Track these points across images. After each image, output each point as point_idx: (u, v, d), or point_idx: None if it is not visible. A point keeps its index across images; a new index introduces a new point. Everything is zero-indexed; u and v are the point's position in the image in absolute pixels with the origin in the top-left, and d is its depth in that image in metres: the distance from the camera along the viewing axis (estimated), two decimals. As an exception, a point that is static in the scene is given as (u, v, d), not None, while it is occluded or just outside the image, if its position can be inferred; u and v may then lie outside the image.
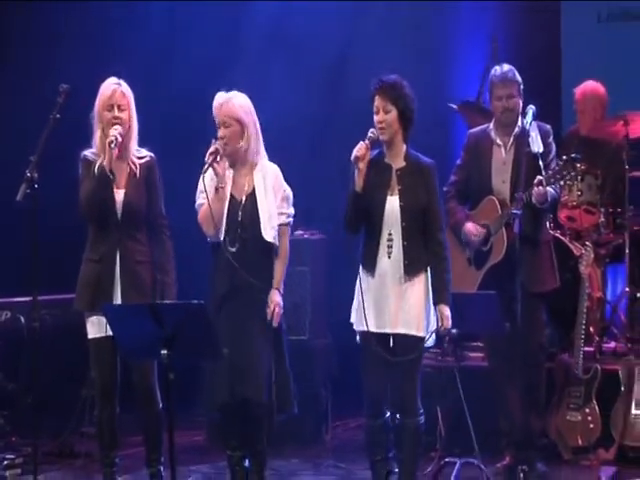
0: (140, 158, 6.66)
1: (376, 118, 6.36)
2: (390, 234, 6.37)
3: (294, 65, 9.16)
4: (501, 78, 7.25)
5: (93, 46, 9.37)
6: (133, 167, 6.62)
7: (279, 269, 6.52)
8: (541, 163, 7.03)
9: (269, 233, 6.43)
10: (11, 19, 9.71)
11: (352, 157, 6.27)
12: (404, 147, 6.44)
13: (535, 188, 6.95)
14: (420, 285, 6.36)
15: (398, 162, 6.44)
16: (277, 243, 6.48)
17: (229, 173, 6.47)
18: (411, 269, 6.33)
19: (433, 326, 6.36)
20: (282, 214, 6.53)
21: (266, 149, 6.58)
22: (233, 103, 6.44)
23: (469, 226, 7.24)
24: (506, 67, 7.31)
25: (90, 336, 6.60)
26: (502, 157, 7.28)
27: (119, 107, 6.56)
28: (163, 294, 6.59)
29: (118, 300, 6.55)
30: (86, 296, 6.60)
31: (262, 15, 9.28)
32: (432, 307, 6.37)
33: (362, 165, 6.29)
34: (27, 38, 9.60)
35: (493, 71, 7.35)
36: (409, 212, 6.34)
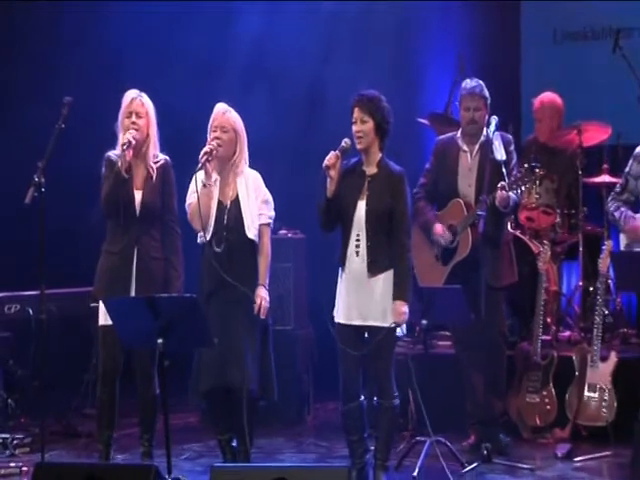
0: (156, 162, 6.71)
1: (354, 128, 6.36)
2: (358, 235, 6.38)
3: (274, 89, 9.07)
4: (470, 91, 7.25)
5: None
6: (150, 170, 6.68)
7: (263, 266, 6.52)
8: (504, 170, 7.02)
9: (252, 231, 6.45)
10: (12, 24, 9.64)
11: (323, 165, 6.29)
12: (379, 155, 6.43)
13: (498, 192, 6.94)
14: (385, 282, 6.35)
15: (371, 169, 6.44)
16: (258, 240, 6.48)
17: (217, 177, 6.48)
18: (374, 267, 6.34)
19: (391, 321, 6.34)
20: (262, 215, 6.55)
21: (255, 162, 6.59)
22: (233, 115, 6.52)
23: (437, 227, 7.22)
24: (475, 82, 7.30)
25: (100, 323, 6.59)
26: (468, 163, 7.27)
27: (137, 114, 6.64)
28: (170, 286, 6.62)
29: (132, 291, 6.58)
30: (104, 285, 6.63)
31: (242, 44, 9.22)
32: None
33: (333, 172, 6.30)
34: (30, 45, 9.53)
35: (464, 84, 7.35)
36: (373, 216, 6.35)
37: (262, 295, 6.43)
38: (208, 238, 6.43)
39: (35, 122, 8.38)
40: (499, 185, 6.94)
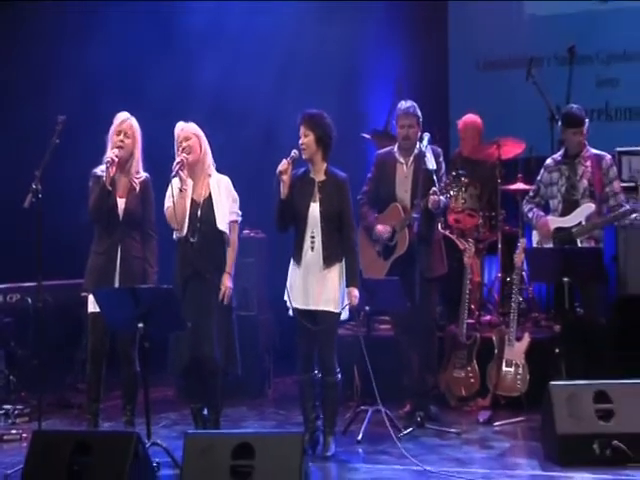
0: (139, 178, 6.70)
1: (300, 141, 6.42)
2: (313, 233, 6.40)
3: (233, 126, 9.02)
4: (404, 111, 7.26)
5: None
6: (133, 183, 6.67)
7: (230, 257, 6.55)
8: (435, 178, 7.05)
9: (222, 224, 6.48)
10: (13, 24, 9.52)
11: (277, 171, 6.33)
12: (324, 164, 6.48)
13: (431, 197, 6.97)
14: (336, 272, 6.41)
15: (320, 176, 6.47)
16: (228, 233, 6.50)
17: (190, 182, 6.50)
18: (328, 260, 6.38)
19: (346, 303, 6.42)
20: (232, 212, 6.58)
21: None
22: (192, 125, 6.57)
23: (379, 227, 7.25)
24: (409, 103, 7.30)
25: (90, 310, 6.58)
26: (404, 172, 7.29)
27: (125, 134, 6.64)
28: (148, 280, 6.62)
29: (116, 284, 6.57)
30: (92, 280, 6.61)
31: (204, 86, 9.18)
32: (345, 289, 6.42)
33: (285, 177, 6.34)
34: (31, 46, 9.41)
35: (399, 105, 7.34)
36: (327, 216, 6.38)
37: (227, 284, 6.46)
38: (184, 234, 6.45)
39: (35, 122, 8.30)
40: (431, 190, 6.96)
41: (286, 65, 9.42)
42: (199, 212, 6.48)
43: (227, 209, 6.52)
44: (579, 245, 7.09)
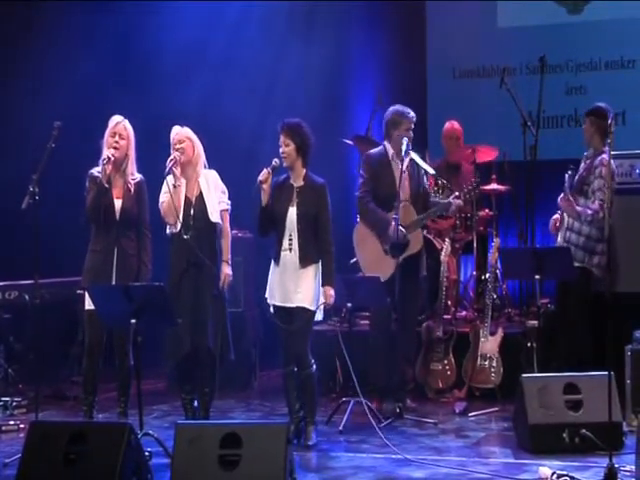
0: (134, 179, 6.68)
1: (280, 150, 6.44)
2: (291, 235, 6.42)
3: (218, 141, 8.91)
4: (412, 118, 7.20)
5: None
6: (128, 184, 6.64)
7: (225, 245, 6.60)
8: (440, 181, 7.07)
9: (214, 216, 6.51)
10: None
11: (258, 180, 6.37)
12: (304, 171, 6.49)
13: (457, 201, 7.15)
14: (312, 272, 6.42)
15: (299, 182, 6.50)
16: (221, 223, 6.53)
17: (183, 180, 6.51)
18: (304, 261, 6.40)
19: (321, 302, 6.43)
20: (222, 202, 6.60)
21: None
22: (186, 129, 6.58)
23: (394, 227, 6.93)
24: (404, 107, 7.24)
25: (87, 307, 6.53)
26: (399, 170, 7.13)
27: (120, 136, 6.60)
28: (142, 278, 6.60)
29: (113, 281, 6.54)
30: (90, 277, 6.58)
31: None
32: (321, 289, 6.43)
33: (265, 186, 6.38)
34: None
35: (405, 111, 7.20)
36: (303, 219, 6.41)
37: (226, 272, 6.52)
38: (178, 228, 6.45)
39: (32, 126, 8.28)
40: (455, 194, 7.09)
41: (270, 77, 9.42)
42: (192, 209, 6.50)
43: (217, 200, 6.55)
44: None
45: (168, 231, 6.54)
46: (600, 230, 6.95)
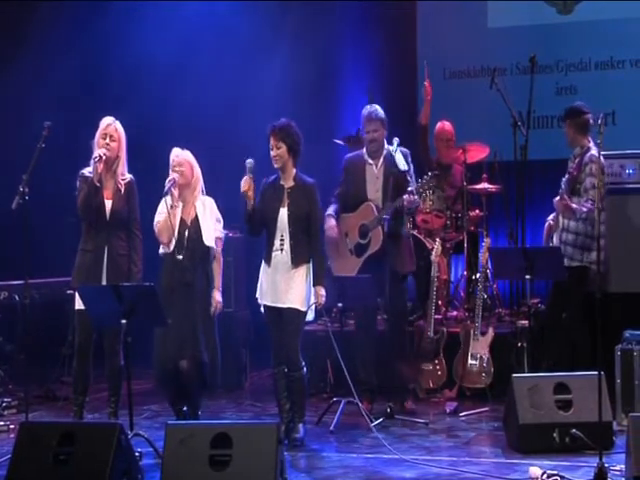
0: (124, 180, 6.66)
1: (272, 153, 6.45)
2: (282, 235, 6.42)
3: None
4: (368, 116, 7.22)
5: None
6: (119, 185, 6.64)
7: (217, 272, 6.58)
8: (408, 177, 7.04)
9: (209, 240, 6.49)
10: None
11: (242, 191, 6.36)
12: (294, 171, 6.50)
13: (408, 196, 6.92)
14: (303, 272, 6.43)
15: (289, 182, 6.51)
16: (214, 248, 6.52)
17: (180, 202, 6.52)
18: (296, 261, 6.40)
19: (312, 302, 6.43)
20: (217, 230, 6.59)
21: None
22: (187, 153, 6.57)
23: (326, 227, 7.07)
24: (372, 107, 7.27)
25: (77, 307, 6.51)
26: (375, 173, 7.23)
27: (111, 137, 6.60)
28: (132, 278, 6.58)
29: (104, 281, 6.53)
30: (80, 277, 6.56)
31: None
32: (312, 289, 6.43)
33: (250, 193, 6.40)
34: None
35: (363, 110, 7.30)
36: (294, 220, 6.41)
37: (217, 299, 6.50)
38: (171, 248, 6.44)
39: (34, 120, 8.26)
40: (409, 189, 6.93)
41: (260, 75, 9.40)
42: (187, 231, 6.49)
43: (212, 226, 6.54)
44: None
45: (161, 251, 6.53)
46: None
